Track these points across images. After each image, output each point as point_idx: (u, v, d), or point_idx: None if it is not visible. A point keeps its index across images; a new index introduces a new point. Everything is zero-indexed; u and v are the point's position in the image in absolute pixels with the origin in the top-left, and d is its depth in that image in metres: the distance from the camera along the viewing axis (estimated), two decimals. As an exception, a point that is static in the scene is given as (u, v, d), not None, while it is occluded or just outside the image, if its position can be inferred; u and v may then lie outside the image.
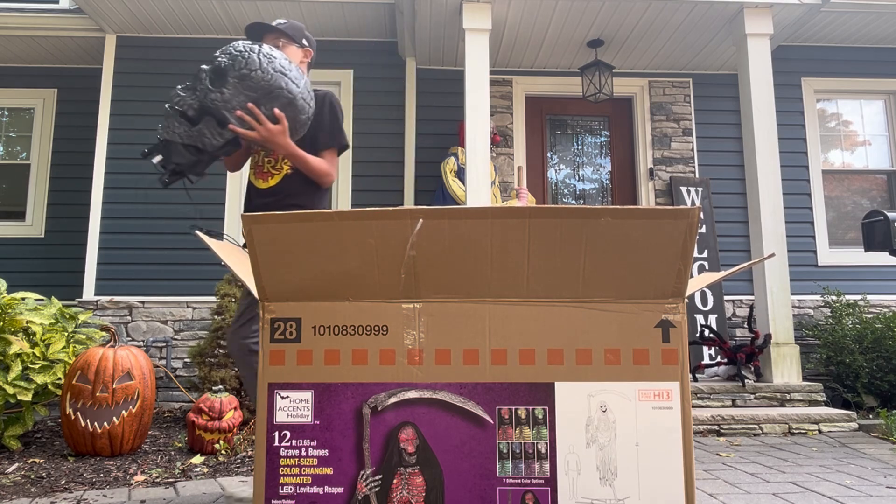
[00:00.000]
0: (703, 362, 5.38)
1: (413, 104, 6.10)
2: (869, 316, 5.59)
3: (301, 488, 1.31)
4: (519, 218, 1.31)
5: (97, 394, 3.28)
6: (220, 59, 2.13)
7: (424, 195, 5.94)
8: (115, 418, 3.30)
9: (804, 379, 5.12)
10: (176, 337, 5.55)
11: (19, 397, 3.36)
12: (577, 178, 6.53)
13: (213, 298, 5.10)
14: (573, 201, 6.48)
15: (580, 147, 6.54)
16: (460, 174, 5.44)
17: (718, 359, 5.27)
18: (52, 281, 5.74)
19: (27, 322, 3.58)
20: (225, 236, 2.75)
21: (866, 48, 6.40)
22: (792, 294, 5.06)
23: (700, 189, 6.15)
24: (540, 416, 1.32)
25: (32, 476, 2.97)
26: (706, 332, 5.27)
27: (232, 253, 1.65)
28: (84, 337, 3.93)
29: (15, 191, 6.23)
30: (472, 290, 1.34)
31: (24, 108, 6.38)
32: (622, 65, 6.15)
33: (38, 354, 3.55)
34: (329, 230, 1.29)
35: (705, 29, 5.56)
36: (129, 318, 5.54)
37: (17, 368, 3.39)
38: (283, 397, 1.33)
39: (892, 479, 3.03)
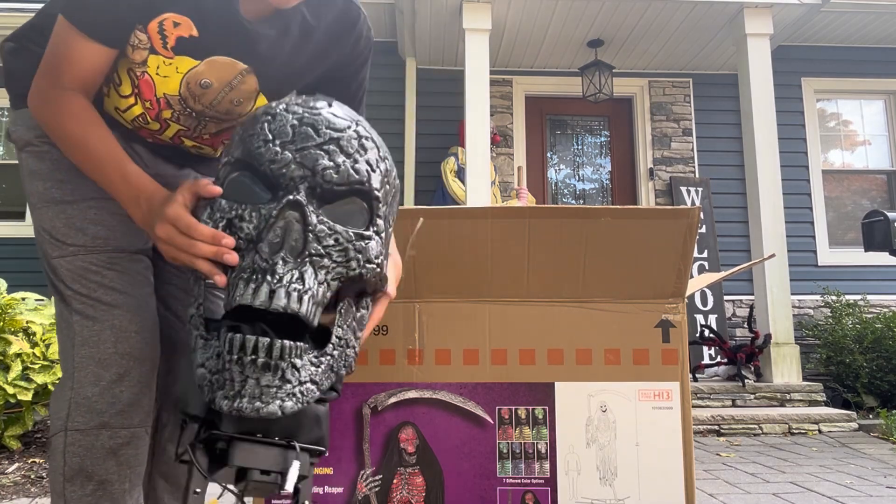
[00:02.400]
0: (703, 362, 5.38)
1: (413, 104, 6.10)
2: (869, 316, 5.59)
3: (301, 488, 1.31)
4: (519, 218, 1.31)
5: (97, 394, 3.28)
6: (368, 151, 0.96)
7: (424, 195, 5.94)
8: (115, 418, 3.30)
9: (804, 379, 5.12)
10: (176, 337, 5.55)
11: (19, 397, 3.36)
12: (577, 178, 6.53)
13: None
14: (573, 201, 6.48)
15: (580, 147, 6.54)
16: (460, 174, 5.44)
17: (718, 359, 5.27)
18: (52, 281, 5.74)
19: (27, 322, 3.58)
20: None
21: (866, 48, 6.40)
22: (792, 294, 5.06)
23: (700, 189, 6.15)
24: (540, 416, 1.32)
25: (32, 476, 2.97)
26: (706, 332, 5.27)
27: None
28: (84, 337, 3.92)
29: (15, 191, 6.23)
30: (472, 290, 1.34)
31: (24, 108, 6.39)
32: (622, 65, 6.15)
33: (38, 354, 3.55)
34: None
35: (705, 29, 5.56)
36: (129, 318, 5.53)
37: (17, 368, 3.39)
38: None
39: (892, 479, 3.03)
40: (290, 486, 0.86)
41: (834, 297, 5.77)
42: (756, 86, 5.13)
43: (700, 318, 5.78)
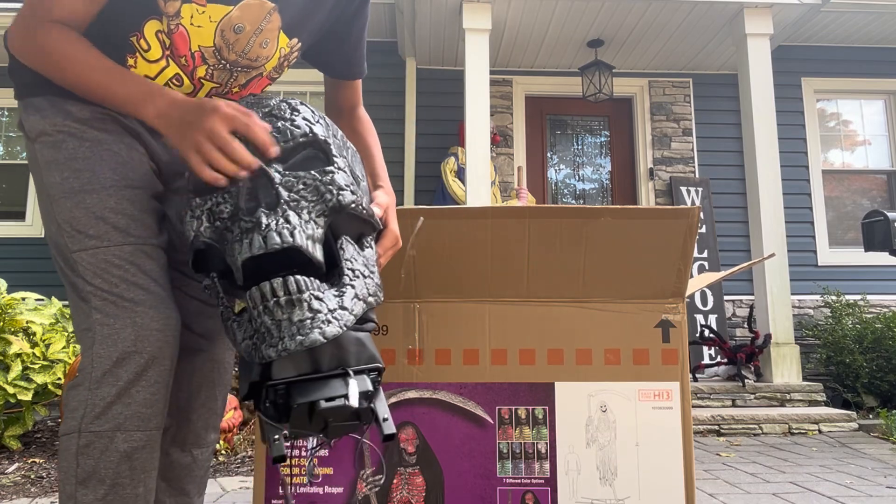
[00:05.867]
0: (703, 362, 5.38)
1: (413, 104, 6.09)
2: (869, 316, 5.59)
3: (301, 488, 1.31)
4: (519, 218, 1.31)
5: (97, 394, 3.28)
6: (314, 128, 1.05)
7: (424, 195, 5.94)
8: (115, 418, 3.30)
9: (804, 379, 5.12)
10: (176, 337, 5.54)
11: (19, 397, 3.36)
12: (577, 178, 6.53)
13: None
14: (573, 201, 6.48)
15: (580, 147, 6.54)
16: (460, 174, 5.44)
17: (718, 359, 5.27)
18: (52, 281, 5.72)
19: (27, 322, 3.58)
20: None
21: (866, 48, 6.40)
22: (792, 294, 5.06)
23: (700, 189, 6.15)
24: (540, 416, 1.32)
25: (32, 476, 2.97)
26: (706, 332, 5.27)
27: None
28: (84, 337, 3.92)
29: (15, 191, 6.23)
30: (472, 290, 1.34)
31: (24, 108, 6.38)
32: (622, 65, 6.15)
33: (38, 354, 3.55)
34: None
35: (705, 29, 5.56)
36: (129, 318, 5.52)
37: (17, 368, 3.39)
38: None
39: (892, 479, 3.03)
40: (354, 401, 0.91)
41: (834, 297, 5.76)
42: (756, 86, 5.13)
43: (700, 318, 5.78)
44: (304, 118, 1.03)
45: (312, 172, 0.99)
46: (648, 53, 6.02)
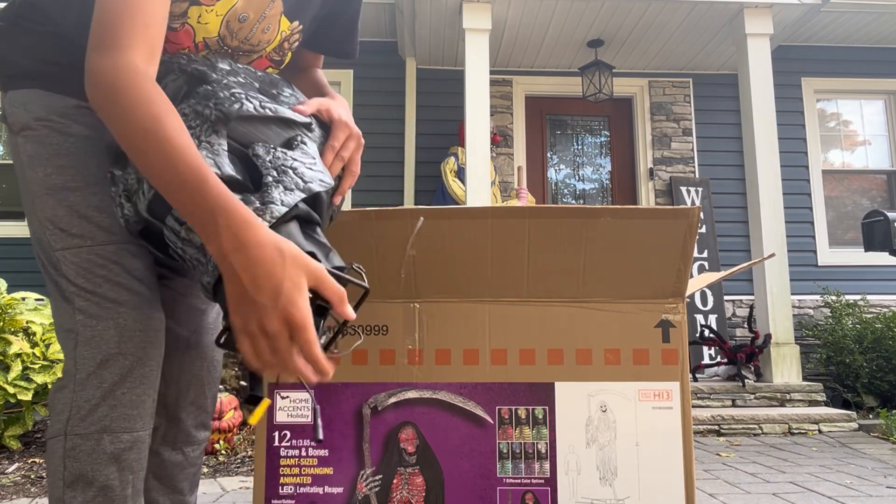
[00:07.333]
0: (703, 362, 5.38)
1: (413, 104, 6.09)
2: (869, 316, 5.59)
3: (301, 488, 1.31)
4: (519, 218, 1.31)
5: (97, 394, 3.28)
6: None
7: (424, 195, 5.93)
8: (115, 418, 3.30)
9: (804, 379, 5.12)
10: (176, 337, 5.53)
11: (19, 397, 3.36)
12: (577, 178, 6.53)
13: (213, 298, 5.08)
14: (573, 201, 6.48)
15: (580, 147, 6.54)
16: (460, 174, 5.44)
17: (718, 359, 5.27)
18: (52, 281, 5.72)
19: (27, 322, 3.58)
20: None
21: (866, 48, 6.40)
22: (792, 294, 5.06)
23: (700, 189, 6.15)
24: (540, 416, 1.32)
25: (32, 476, 2.97)
26: (706, 332, 5.27)
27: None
28: (84, 337, 3.92)
29: (15, 191, 6.23)
30: (471, 290, 1.34)
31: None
32: (622, 65, 6.15)
33: (38, 354, 3.55)
34: (328, 230, 1.29)
35: (705, 29, 5.56)
36: (129, 318, 5.52)
37: (17, 368, 3.39)
38: (283, 397, 1.33)
39: (892, 479, 3.03)
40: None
41: (834, 297, 5.77)
42: (756, 86, 5.13)
43: (700, 318, 5.78)
44: (181, 58, 1.04)
45: (190, 100, 0.99)
46: (648, 53, 6.02)
